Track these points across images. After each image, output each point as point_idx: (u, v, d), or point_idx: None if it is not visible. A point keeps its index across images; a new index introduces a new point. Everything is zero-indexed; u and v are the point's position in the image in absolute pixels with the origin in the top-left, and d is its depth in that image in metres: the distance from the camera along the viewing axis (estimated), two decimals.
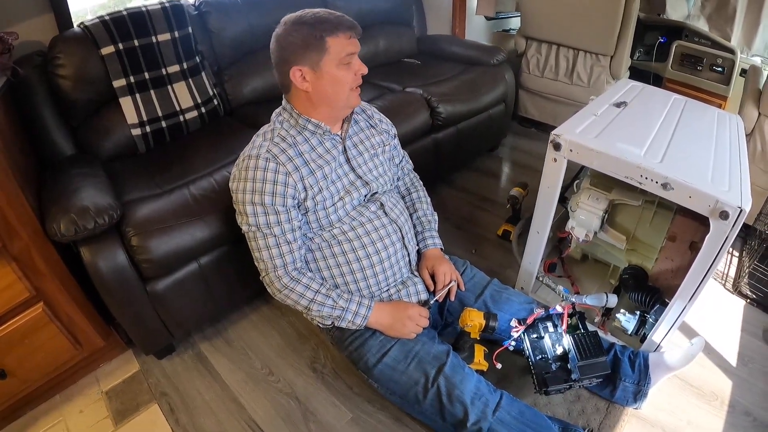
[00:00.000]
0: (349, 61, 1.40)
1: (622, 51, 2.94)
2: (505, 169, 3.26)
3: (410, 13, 3.34)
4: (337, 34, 1.36)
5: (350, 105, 1.49)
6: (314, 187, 1.43)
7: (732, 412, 1.64)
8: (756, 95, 2.22)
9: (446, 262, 1.68)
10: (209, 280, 1.80)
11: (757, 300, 2.04)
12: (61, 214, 1.45)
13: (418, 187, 1.84)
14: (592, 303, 1.77)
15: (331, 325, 1.51)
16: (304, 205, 1.43)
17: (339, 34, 1.36)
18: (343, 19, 1.38)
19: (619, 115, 1.75)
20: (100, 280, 1.55)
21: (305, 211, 1.45)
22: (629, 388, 1.62)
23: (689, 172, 1.40)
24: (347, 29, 1.37)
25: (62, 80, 1.92)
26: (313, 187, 1.43)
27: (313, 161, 1.45)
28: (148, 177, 1.88)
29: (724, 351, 1.85)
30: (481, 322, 1.50)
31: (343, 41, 1.37)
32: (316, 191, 1.43)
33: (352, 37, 1.39)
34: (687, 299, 1.52)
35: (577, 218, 1.78)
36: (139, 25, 2.02)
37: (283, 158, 1.40)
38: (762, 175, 2.22)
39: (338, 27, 1.36)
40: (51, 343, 1.64)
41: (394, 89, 2.68)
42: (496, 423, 1.35)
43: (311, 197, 1.43)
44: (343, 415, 1.68)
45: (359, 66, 1.42)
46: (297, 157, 1.42)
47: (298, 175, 1.41)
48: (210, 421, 1.69)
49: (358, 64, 1.42)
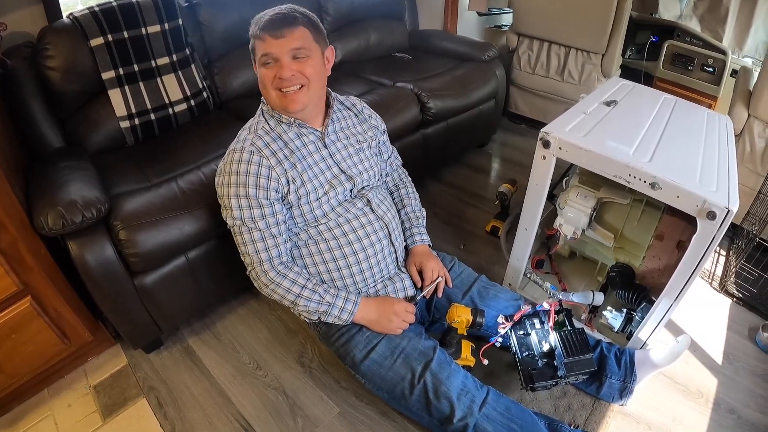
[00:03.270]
0: (267, 62, 1.39)
1: (614, 49, 2.94)
2: (495, 165, 3.27)
3: (402, 7, 3.34)
4: (258, 36, 1.38)
5: (283, 108, 1.45)
6: (296, 180, 1.43)
7: (717, 410, 1.66)
8: (746, 96, 2.24)
9: (434, 259, 1.68)
10: (197, 274, 1.80)
11: (743, 299, 2.06)
12: (48, 207, 1.44)
13: (406, 183, 1.84)
14: (579, 300, 1.78)
15: (318, 320, 1.51)
16: (288, 199, 1.43)
17: (259, 35, 1.38)
18: (263, 20, 1.38)
19: (608, 114, 1.76)
20: (88, 274, 1.54)
21: (289, 205, 1.45)
22: (615, 385, 1.63)
23: (677, 172, 1.40)
24: (263, 30, 1.37)
25: (51, 72, 1.90)
26: (295, 180, 1.43)
27: (293, 154, 1.46)
28: (137, 170, 1.87)
29: (710, 349, 1.87)
30: (469, 318, 1.50)
31: (260, 42, 1.38)
32: (298, 184, 1.43)
33: (270, 38, 1.36)
34: (673, 298, 1.53)
35: (565, 215, 1.79)
36: (129, 16, 2.00)
37: (267, 152, 1.41)
38: (750, 175, 2.23)
39: (255, 28, 1.39)
40: (39, 337, 1.63)
41: (385, 84, 2.68)
42: (483, 419, 1.35)
43: (294, 191, 1.43)
44: (330, 410, 1.68)
45: (279, 69, 1.39)
46: (280, 151, 1.43)
47: (281, 168, 1.41)
48: (198, 415, 1.69)
49: (278, 67, 1.39)
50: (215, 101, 2.44)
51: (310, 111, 1.50)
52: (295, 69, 1.39)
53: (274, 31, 1.36)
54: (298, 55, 1.39)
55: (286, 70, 1.38)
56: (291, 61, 1.39)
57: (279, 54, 1.37)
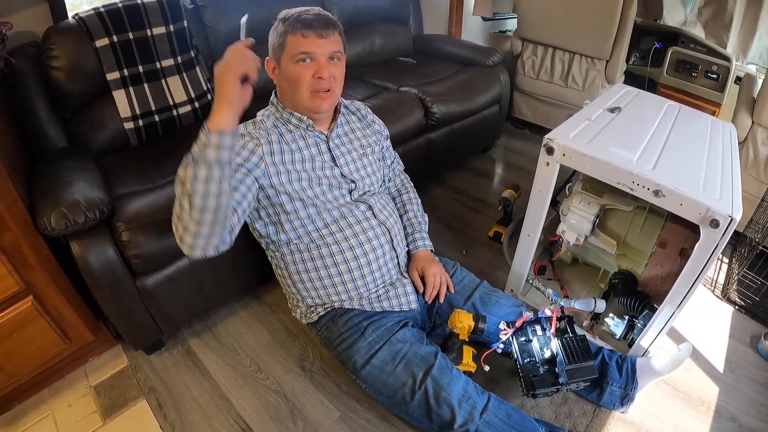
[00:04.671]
0: (303, 59, 1.39)
1: (618, 55, 2.94)
2: (498, 170, 3.27)
3: (407, 11, 3.34)
4: (294, 32, 1.38)
5: (312, 109, 1.48)
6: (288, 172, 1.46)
7: (718, 418, 1.65)
8: (750, 103, 2.24)
9: (436, 264, 1.68)
10: (199, 276, 1.80)
11: (745, 307, 2.05)
12: (51, 207, 1.44)
13: (408, 188, 1.84)
14: (581, 307, 1.78)
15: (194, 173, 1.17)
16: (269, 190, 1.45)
17: (295, 32, 1.38)
18: (306, 17, 1.38)
19: (612, 121, 1.76)
20: (90, 275, 1.54)
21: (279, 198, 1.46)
22: (616, 392, 1.62)
23: (681, 180, 1.40)
24: (304, 27, 1.37)
25: (55, 72, 1.90)
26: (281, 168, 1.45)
27: (293, 150, 1.48)
28: (140, 171, 1.87)
29: (712, 357, 1.86)
30: (470, 323, 1.50)
31: (299, 39, 1.38)
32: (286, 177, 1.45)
33: (312, 37, 1.38)
34: (676, 305, 1.53)
35: (568, 222, 1.79)
36: (135, 17, 2.00)
37: (258, 134, 1.45)
38: (753, 183, 2.23)
39: (296, 24, 1.38)
40: (40, 337, 1.63)
41: (389, 88, 2.68)
42: (483, 425, 1.35)
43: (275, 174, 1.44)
44: (330, 414, 1.68)
45: (318, 68, 1.40)
46: (275, 143, 1.46)
47: (268, 148, 1.43)
48: (198, 417, 1.68)
49: (317, 66, 1.40)
50: None
51: (326, 114, 1.54)
52: (331, 70, 1.42)
53: (320, 30, 1.38)
54: (334, 57, 1.42)
55: (325, 70, 1.40)
56: (328, 63, 1.41)
57: (320, 54, 1.39)
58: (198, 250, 1.25)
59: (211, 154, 1.14)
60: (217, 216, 1.20)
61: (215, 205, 1.18)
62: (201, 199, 1.16)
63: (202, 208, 1.18)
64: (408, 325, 1.56)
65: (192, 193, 1.16)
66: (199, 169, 1.15)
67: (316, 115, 1.51)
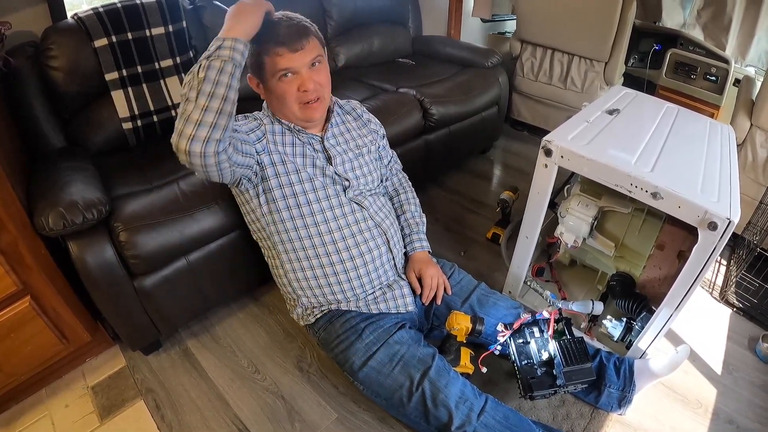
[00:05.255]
0: (285, 74, 1.39)
1: (617, 57, 2.95)
2: (496, 171, 3.27)
3: (406, 12, 3.35)
4: (269, 52, 1.37)
5: (305, 119, 1.49)
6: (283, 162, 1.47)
7: (716, 420, 1.65)
8: (748, 106, 2.24)
9: (433, 266, 1.68)
10: (197, 277, 1.80)
11: (743, 309, 2.06)
12: (49, 207, 1.44)
13: (406, 188, 1.84)
14: (578, 309, 1.78)
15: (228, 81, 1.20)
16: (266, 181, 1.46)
17: (270, 51, 1.37)
18: (278, 34, 1.36)
19: (611, 123, 1.76)
20: (88, 276, 1.54)
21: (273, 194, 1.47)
22: (614, 394, 1.62)
23: (679, 182, 1.40)
24: (277, 45, 1.36)
25: (54, 72, 1.90)
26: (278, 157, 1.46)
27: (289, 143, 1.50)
28: (138, 172, 1.87)
29: (710, 359, 1.86)
30: (468, 325, 1.50)
31: (274, 58, 1.37)
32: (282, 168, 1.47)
33: (288, 54, 1.37)
34: (674, 307, 1.53)
35: (566, 224, 1.79)
36: (134, 18, 2.00)
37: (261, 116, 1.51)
38: (752, 185, 2.23)
39: (268, 43, 1.36)
40: (37, 337, 1.63)
41: (387, 89, 2.68)
42: (481, 427, 1.35)
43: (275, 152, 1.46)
44: (328, 415, 1.68)
45: (302, 81, 1.41)
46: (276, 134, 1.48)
47: (270, 128, 1.47)
48: (195, 418, 1.68)
49: (300, 79, 1.41)
50: None
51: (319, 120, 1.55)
52: (315, 79, 1.42)
53: (293, 45, 1.37)
54: (315, 63, 1.42)
55: (308, 81, 1.41)
56: (310, 71, 1.41)
57: (299, 66, 1.39)
58: (197, 142, 1.18)
59: (226, 53, 1.18)
60: (223, 106, 1.18)
61: (223, 93, 1.17)
62: (211, 85, 1.16)
63: (210, 94, 1.16)
64: (405, 326, 1.55)
65: (202, 80, 1.16)
66: (213, 61, 1.17)
67: (309, 123, 1.52)
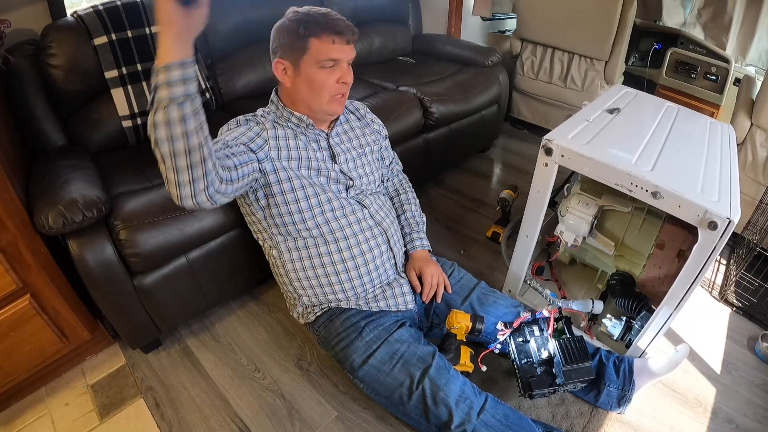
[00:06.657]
0: (331, 66, 1.40)
1: (617, 56, 2.95)
2: (496, 170, 3.26)
3: (406, 11, 3.34)
4: (321, 37, 1.37)
5: (330, 112, 1.50)
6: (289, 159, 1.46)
7: (715, 419, 1.66)
8: (749, 105, 2.24)
9: (433, 264, 1.68)
10: (197, 275, 1.80)
11: (743, 308, 2.06)
12: (49, 206, 1.44)
13: (406, 188, 1.84)
14: (578, 308, 1.78)
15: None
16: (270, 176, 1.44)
17: (323, 37, 1.37)
18: (336, 23, 1.38)
19: (611, 122, 1.76)
20: (88, 274, 1.54)
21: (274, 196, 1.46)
22: (613, 393, 1.63)
23: (679, 182, 1.40)
24: (335, 33, 1.37)
25: (54, 70, 1.89)
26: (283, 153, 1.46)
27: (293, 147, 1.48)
28: (138, 170, 1.87)
29: (709, 358, 1.86)
30: (468, 324, 1.50)
31: (327, 45, 1.37)
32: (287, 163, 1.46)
33: (340, 43, 1.38)
34: (673, 306, 1.53)
35: (566, 223, 1.79)
36: (133, 15, 2.00)
37: (263, 119, 1.48)
38: (752, 184, 2.23)
39: (325, 29, 1.37)
40: (37, 335, 1.63)
41: (388, 88, 2.68)
42: (481, 425, 1.35)
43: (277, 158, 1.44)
44: (328, 413, 1.68)
45: (342, 74, 1.42)
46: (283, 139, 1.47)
47: (273, 133, 1.46)
48: (195, 416, 1.68)
49: (341, 71, 1.42)
50: (218, 102, 2.44)
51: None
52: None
53: (349, 36, 1.39)
54: (351, 62, 1.46)
55: (349, 75, 1.44)
56: (348, 67, 1.45)
57: (344, 59, 1.41)
58: (187, 199, 1.14)
59: (163, 93, 1.00)
60: (191, 159, 1.08)
61: (184, 147, 1.05)
62: (167, 144, 1.05)
63: (171, 153, 1.06)
64: (406, 325, 1.56)
65: (156, 144, 1.05)
66: (157, 114, 1.02)
67: (328, 117, 1.53)
